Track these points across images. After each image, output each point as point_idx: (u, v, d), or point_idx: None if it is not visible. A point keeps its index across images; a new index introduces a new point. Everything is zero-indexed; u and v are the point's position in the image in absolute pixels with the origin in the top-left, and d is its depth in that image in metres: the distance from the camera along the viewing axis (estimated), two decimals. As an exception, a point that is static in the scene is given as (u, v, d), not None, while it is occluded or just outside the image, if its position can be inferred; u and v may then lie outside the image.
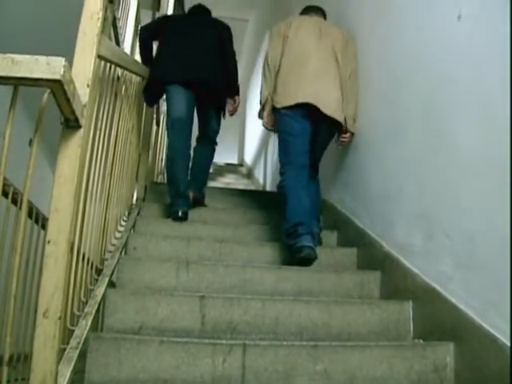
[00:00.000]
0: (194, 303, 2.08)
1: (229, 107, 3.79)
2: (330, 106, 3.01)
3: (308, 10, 3.50)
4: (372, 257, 2.70)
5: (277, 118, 3.12)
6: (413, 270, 2.26)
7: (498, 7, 1.79)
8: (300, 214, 2.74)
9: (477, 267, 1.82)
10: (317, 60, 3.09)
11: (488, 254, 1.75)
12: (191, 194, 3.42)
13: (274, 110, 3.12)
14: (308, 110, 2.98)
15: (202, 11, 3.85)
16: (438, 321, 2.02)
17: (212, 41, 3.55)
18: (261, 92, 3.23)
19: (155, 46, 3.75)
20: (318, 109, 2.96)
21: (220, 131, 3.87)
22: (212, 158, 3.86)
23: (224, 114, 3.81)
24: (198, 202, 3.59)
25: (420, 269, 2.22)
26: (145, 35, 3.72)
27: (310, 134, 3.03)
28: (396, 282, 2.40)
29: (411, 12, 2.53)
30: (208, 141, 3.77)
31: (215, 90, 3.52)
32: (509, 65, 1.66)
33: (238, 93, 3.75)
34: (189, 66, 3.40)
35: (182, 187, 3.28)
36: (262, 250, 2.82)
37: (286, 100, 3.03)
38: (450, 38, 2.12)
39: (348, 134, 3.19)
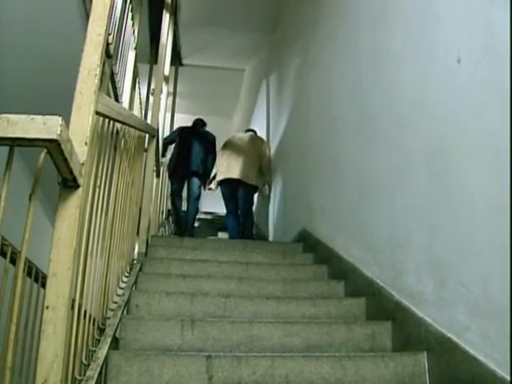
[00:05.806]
0: (200, 363, 1.99)
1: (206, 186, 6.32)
2: (246, 176, 5.84)
3: (246, 130, 6.77)
4: (382, 306, 2.62)
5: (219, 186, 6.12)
6: (426, 320, 2.17)
7: (498, 49, 1.78)
8: (231, 232, 5.98)
9: (494, 314, 1.73)
10: (238, 156, 5.97)
11: (505, 299, 1.66)
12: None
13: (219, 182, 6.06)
14: (232, 182, 5.87)
15: (200, 124, 6.52)
16: (456, 372, 1.92)
17: (203, 146, 6.16)
18: (215, 172, 6.15)
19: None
20: (236, 180, 5.83)
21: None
22: (197, 209, 6.25)
23: (204, 186, 6.26)
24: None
25: (433, 318, 2.13)
26: (165, 143, 6.46)
27: (235, 195, 5.94)
28: (408, 332, 2.31)
29: (410, 57, 2.53)
30: (192, 199, 6.06)
31: (197, 174, 6.07)
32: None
33: (210, 178, 6.26)
34: (187, 162, 6.04)
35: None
36: (267, 304, 2.73)
37: (221, 177, 5.96)
38: (451, 80, 2.10)
39: (265, 194, 6.43)
